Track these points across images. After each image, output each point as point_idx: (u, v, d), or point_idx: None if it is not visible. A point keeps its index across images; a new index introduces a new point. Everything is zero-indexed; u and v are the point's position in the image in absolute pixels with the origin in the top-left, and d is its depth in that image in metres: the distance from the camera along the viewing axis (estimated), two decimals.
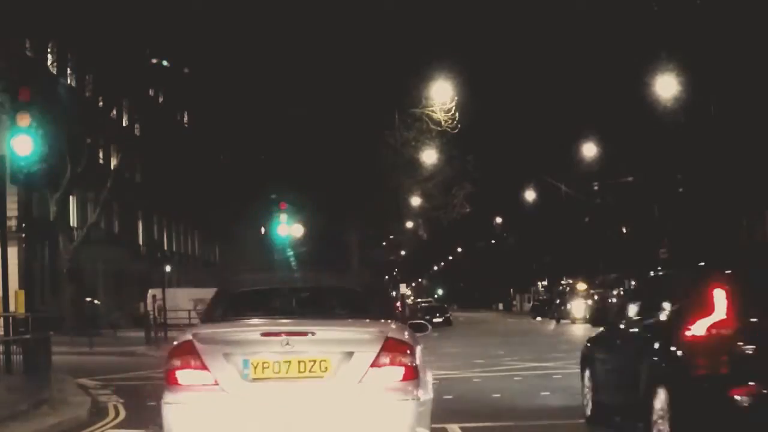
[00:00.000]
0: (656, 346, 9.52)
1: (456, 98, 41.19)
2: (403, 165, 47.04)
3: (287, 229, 32.62)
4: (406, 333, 7.90)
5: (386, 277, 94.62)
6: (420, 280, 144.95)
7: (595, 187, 57.65)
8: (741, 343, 8.62)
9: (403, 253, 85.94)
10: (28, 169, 16.40)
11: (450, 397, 14.93)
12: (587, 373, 12.01)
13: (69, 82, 48.32)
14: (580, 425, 12.11)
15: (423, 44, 48.68)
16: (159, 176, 63.18)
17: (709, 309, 8.80)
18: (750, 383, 8.50)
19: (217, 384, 7.32)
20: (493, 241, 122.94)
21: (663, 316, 9.86)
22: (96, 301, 50.19)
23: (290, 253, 55.07)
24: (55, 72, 46.50)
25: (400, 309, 49.47)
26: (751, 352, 8.57)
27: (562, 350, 26.37)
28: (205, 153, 68.59)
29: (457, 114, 41.47)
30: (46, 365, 14.19)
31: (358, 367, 7.33)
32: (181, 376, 7.41)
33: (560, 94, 67.07)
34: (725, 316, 8.73)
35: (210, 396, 7.30)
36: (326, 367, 7.32)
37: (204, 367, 7.34)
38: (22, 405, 12.49)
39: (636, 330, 10.58)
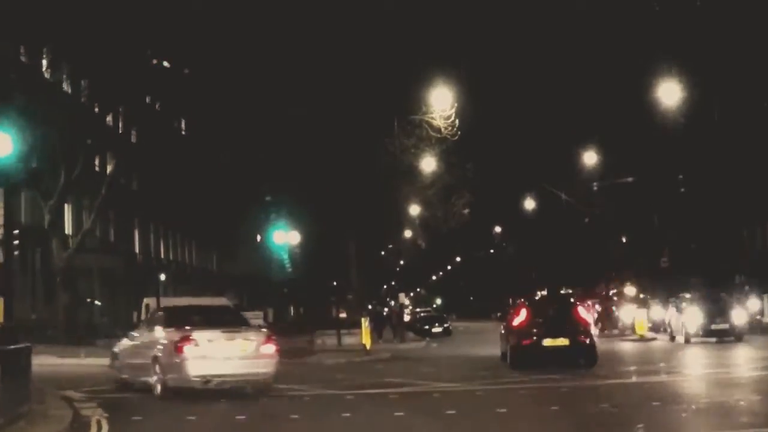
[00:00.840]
0: (505, 327, 25.48)
1: (456, 104, 40.32)
2: (402, 172, 46.27)
3: (284, 236, 31.89)
4: (272, 333, 18.79)
5: (384, 286, 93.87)
6: (418, 289, 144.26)
7: (594, 188, 56.59)
8: (529, 327, 23.34)
9: (401, 262, 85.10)
10: (6, 169, 15.73)
11: (453, 412, 14.12)
12: (501, 341, 26.08)
13: (65, 87, 47.69)
14: None
15: (423, 50, 48.08)
16: (156, 184, 62.46)
17: (519, 314, 24.12)
18: (531, 339, 22.89)
19: (204, 351, 16.34)
20: (492, 251, 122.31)
21: (507, 316, 27.85)
22: (97, 302, 49.54)
23: (287, 262, 54.44)
24: (49, 77, 45.92)
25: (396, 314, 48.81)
26: (537, 327, 23.20)
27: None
28: (202, 160, 67.85)
29: (457, 121, 40.64)
30: (26, 377, 13.44)
31: (257, 346, 16.91)
32: (186, 348, 16.27)
33: (561, 101, 66.51)
34: (524, 318, 23.74)
35: (201, 357, 16.29)
36: (246, 346, 16.83)
37: (198, 345, 16.36)
38: None
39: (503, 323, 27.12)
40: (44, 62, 44.14)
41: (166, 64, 42.59)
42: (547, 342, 22.95)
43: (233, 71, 51.24)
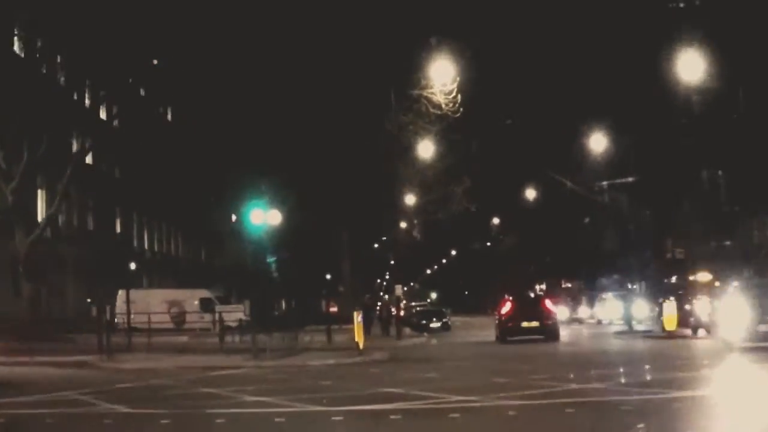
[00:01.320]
0: (497, 316, 38.95)
1: (458, 78, 36.95)
2: (399, 152, 43.28)
3: (262, 215, 28.22)
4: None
5: (378, 280, 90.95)
6: (412, 283, 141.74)
7: (605, 185, 54.22)
8: (512, 314, 36.76)
9: (396, 254, 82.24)
10: None
11: None
12: (495, 327, 38.81)
13: (36, 64, 44.84)
14: None
15: (422, 26, 45.33)
16: (140, 172, 60.43)
17: (506, 305, 37.66)
18: (513, 322, 36.40)
19: None
20: (489, 244, 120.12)
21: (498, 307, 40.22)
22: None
23: (268, 249, 51.70)
24: (22, 55, 43.14)
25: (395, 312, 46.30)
26: (517, 314, 36.59)
27: (605, 361, 21.49)
28: (189, 149, 65.86)
29: (459, 96, 37.34)
30: None
31: None
32: None
33: (567, 85, 64.16)
34: (509, 309, 37.22)
35: None
36: None
37: None
38: None
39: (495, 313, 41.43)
40: (15, 36, 41.46)
41: (155, 62, 40.19)
42: (524, 324, 35.56)
43: (220, 52, 48.43)
